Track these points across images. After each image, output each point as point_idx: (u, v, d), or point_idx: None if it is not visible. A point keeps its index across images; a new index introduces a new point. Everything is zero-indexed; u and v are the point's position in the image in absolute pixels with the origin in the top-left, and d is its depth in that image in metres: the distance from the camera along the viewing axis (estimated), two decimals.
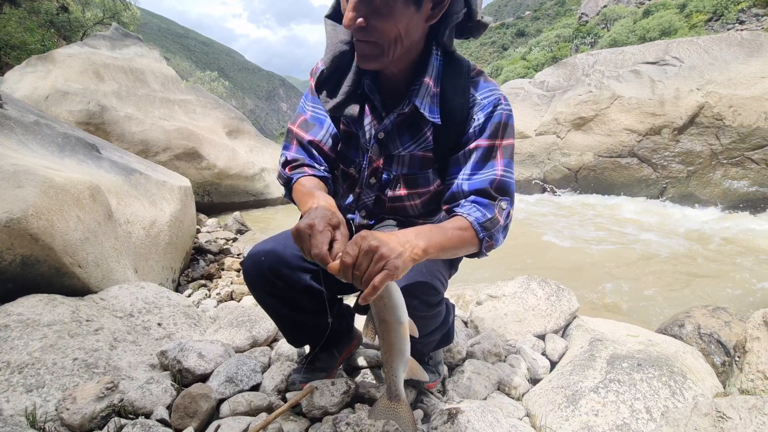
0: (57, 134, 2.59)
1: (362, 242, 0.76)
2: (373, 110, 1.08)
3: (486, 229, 0.98)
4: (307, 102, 1.18)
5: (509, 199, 1.04)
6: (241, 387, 1.22)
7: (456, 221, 0.98)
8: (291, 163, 1.13)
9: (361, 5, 0.89)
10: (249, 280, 1.11)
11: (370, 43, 0.93)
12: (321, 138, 1.13)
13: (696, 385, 1.20)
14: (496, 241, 1.03)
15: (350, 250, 0.76)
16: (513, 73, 36.48)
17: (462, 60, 1.08)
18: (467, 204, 1.01)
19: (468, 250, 0.99)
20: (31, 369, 1.20)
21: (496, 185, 1.01)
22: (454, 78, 1.05)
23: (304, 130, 1.14)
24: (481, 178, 1.02)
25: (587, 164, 7.40)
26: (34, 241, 1.53)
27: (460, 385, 1.33)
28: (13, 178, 1.64)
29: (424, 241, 0.84)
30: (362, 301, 0.76)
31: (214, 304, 2.63)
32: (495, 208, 1.00)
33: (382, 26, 0.90)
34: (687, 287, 3.20)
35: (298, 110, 1.19)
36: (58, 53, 5.92)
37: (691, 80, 6.94)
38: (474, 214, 0.99)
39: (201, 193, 6.34)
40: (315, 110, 1.15)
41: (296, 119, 1.17)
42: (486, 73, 1.11)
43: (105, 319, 1.54)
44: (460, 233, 0.95)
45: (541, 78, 9.07)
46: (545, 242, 4.56)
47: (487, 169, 1.02)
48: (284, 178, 1.14)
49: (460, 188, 1.03)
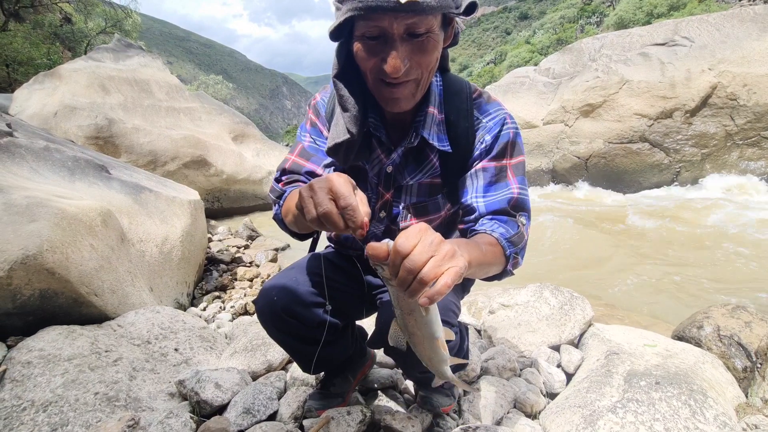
0: (67, 158, 2.63)
1: (424, 232, 0.62)
2: (380, 144, 1.06)
3: (513, 244, 0.95)
4: (304, 133, 1.14)
5: (527, 215, 1.02)
6: (258, 417, 1.24)
7: (483, 237, 0.93)
8: (285, 181, 1.09)
9: (406, 48, 0.83)
10: (262, 319, 1.11)
11: (410, 83, 0.88)
12: (323, 167, 1.09)
13: (717, 403, 1.18)
14: (520, 258, 0.99)
15: (408, 236, 0.61)
16: (517, 58, 35.89)
17: (461, 82, 1.07)
18: (487, 221, 0.98)
19: (496, 268, 0.93)
20: (55, 407, 1.23)
21: (513, 203, 0.99)
22: (456, 103, 1.03)
23: (304, 159, 1.10)
24: (498, 198, 0.99)
25: (597, 152, 7.28)
26: (51, 275, 1.56)
27: (476, 405, 1.33)
28: (27, 212, 1.67)
29: (467, 254, 0.72)
30: (425, 304, 0.59)
31: (229, 318, 2.66)
32: (518, 224, 0.98)
33: (426, 61, 0.86)
34: (704, 278, 3.14)
35: (296, 140, 1.16)
36: (63, 69, 5.99)
37: (703, 60, 6.74)
38: (498, 230, 0.95)
39: (210, 200, 6.41)
40: (314, 141, 1.12)
41: (294, 148, 1.13)
42: (488, 93, 1.09)
43: (123, 348, 1.57)
44: (492, 249, 0.90)
45: (546, 65, 8.90)
46: (557, 237, 4.51)
47: (502, 189, 1.00)
48: (277, 192, 1.09)
49: (477, 209, 1.00)
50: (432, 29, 0.83)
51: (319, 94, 1.15)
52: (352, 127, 0.96)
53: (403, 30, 0.81)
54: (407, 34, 0.82)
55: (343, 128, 0.97)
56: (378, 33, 0.82)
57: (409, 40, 0.83)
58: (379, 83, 0.89)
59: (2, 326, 1.52)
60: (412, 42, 0.83)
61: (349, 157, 1.01)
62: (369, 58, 0.86)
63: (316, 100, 1.14)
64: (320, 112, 1.12)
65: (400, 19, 0.79)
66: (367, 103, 0.99)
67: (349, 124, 0.96)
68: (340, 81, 0.96)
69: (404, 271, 0.60)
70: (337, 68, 0.96)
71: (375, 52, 0.85)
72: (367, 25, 0.82)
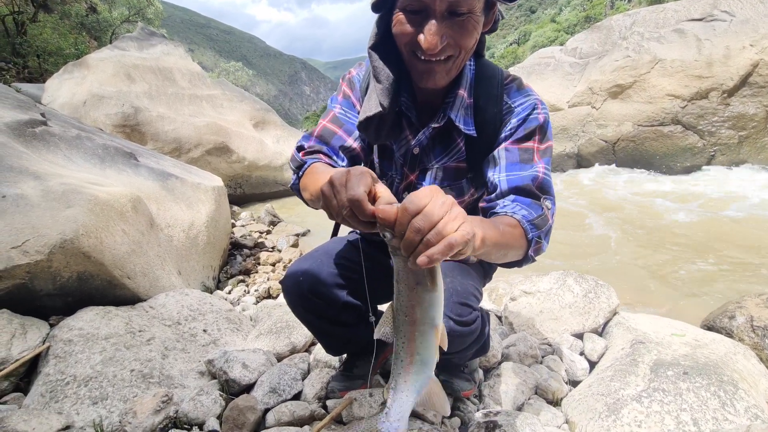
0: (97, 146, 2.72)
1: (436, 193, 0.58)
2: (410, 125, 1.06)
3: (537, 227, 0.90)
4: (335, 104, 1.13)
5: (552, 199, 0.98)
6: (284, 397, 1.28)
7: (503, 218, 0.89)
8: (307, 150, 1.08)
9: (446, 25, 0.83)
10: (289, 299, 1.15)
11: (446, 61, 0.88)
12: (354, 138, 1.08)
13: (748, 395, 1.15)
14: (543, 243, 0.94)
15: (419, 195, 0.57)
16: (542, 38, 34.59)
17: (494, 68, 1.06)
18: (509, 202, 0.94)
19: (516, 252, 0.88)
20: (95, 382, 1.31)
21: (538, 183, 0.95)
22: (487, 88, 1.03)
23: (336, 125, 1.09)
24: (521, 176, 0.96)
25: (626, 135, 7.00)
26: (87, 258, 1.64)
27: (497, 390, 1.33)
28: (63, 199, 1.75)
29: (481, 230, 0.68)
30: (423, 263, 0.54)
31: (254, 301, 2.74)
32: (542, 207, 0.94)
33: (465, 41, 0.87)
34: (737, 268, 3.02)
35: (328, 108, 1.15)
36: (91, 58, 6.15)
37: (744, 36, 6.33)
38: (520, 212, 0.91)
39: (233, 186, 6.53)
40: (346, 113, 1.11)
41: (327, 114, 1.12)
42: (521, 79, 1.07)
43: (155, 329, 1.64)
44: (511, 230, 0.86)
45: (573, 44, 8.54)
46: (582, 223, 4.41)
47: (526, 168, 0.97)
48: (297, 162, 1.07)
49: (498, 185, 0.96)
50: (474, 10, 0.84)
51: (355, 69, 1.15)
52: (384, 99, 0.96)
53: (446, 7, 0.82)
54: (449, 12, 0.83)
55: (376, 102, 0.97)
56: (420, 7, 0.83)
57: (450, 18, 0.84)
58: (414, 58, 0.90)
59: (44, 306, 1.61)
60: (453, 20, 0.84)
61: (380, 134, 1.01)
62: (407, 31, 0.86)
63: (352, 75, 1.14)
64: (355, 85, 1.12)
65: None
66: (401, 80, 0.99)
67: (381, 97, 0.96)
68: (376, 52, 0.97)
69: (411, 230, 0.55)
70: (374, 39, 0.97)
71: (414, 25, 0.86)
72: None
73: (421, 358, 0.67)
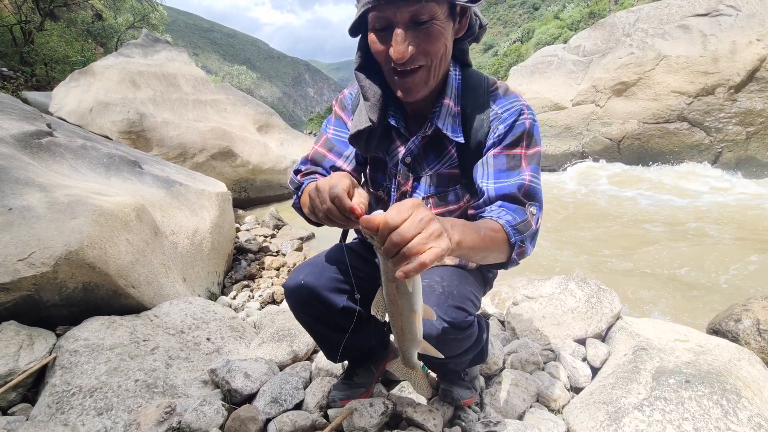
0: (102, 155, 2.76)
1: (416, 208, 0.65)
2: (399, 135, 1.10)
3: (519, 232, 0.94)
4: (329, 126, 1.21)
5: (538, 205, 1.01)
6: (285, 406, 1.29)
7: (487, 222, 0.93)
8: (304, 172, 1.17)
9: (411, 34, 0.88)
10: (290, 303, 1.18)
11: (419, 71, 0.93)
12: (344, 158, 1.16)
13: (752, 404, 1.13)
14: (527, 247, 0.98)
15: (400, 210, 0.64)
16: (545, 35, 34.36)
17: (480, 76, 1.09)
18: (495, 208, 0.98)
19: (497, 255, 0.93)
20: (100, 393, 1.33)
21: (524, 191, 0.99)
22: (474, 96, 1.05)
23: (326, 149, 1.17)
24: (508, 184, 0.99)
25: (631, 133, 6.94)
26: (92, 269, 1.66)
27: (498, 398, 1.33)
28: (68, 210, 1.77)
29: (458, 234, 0.75)
30: (401, 278, 0.63)
31: (258, 307, 2.76)
32: (526, 213, 0.98)
33: (432, 48, 0.91)
34: (745, 269, 2.98)
35: (321, 131, 1.23)
36: (97, 66, 6.23)
37: (750, 30, 6.24)
38: (504, 217, 0.95)
39: (237, 190, 6.58)
40: (338, 134, 1.18)
41: (319, 139, 1.21)
42: (507, 85, 1.08)
43: (160, 338, 1.66)
44: (493, 234, 0.90)
45: (576, 42, 8.48)
46: (584, 224, 4.38)
47: (513, 176, 1.00)
48: (296, 183, 1.17)
49: (486, 192, 1.00)
50: (436, 17, 0.87)
51: (347, 89, 1.21)
52: (373, 115, 1.02)
53: (408, 17, 0.86)
54: (412, 22, 0.87)
55: (365, 117, 1.04)
56: (386, 23, 0.89)
57: (414, 28, 0.88)
58: (392, 72, 0.95)
59: (51, 316, 1.64)
60: (417, 29, 0.88)
61: (370, 146, 1.08)
62: (380, 49, 0.92)
63: (343, 95, 1.21)
64: (347, 105, 1.19)
65: (404, 8, 0.85)
66: (389, 94, 1.04)
67: (370, 113, 1.03)
68: (362, 73, 1.03)
69: (390, 243, 0.63)
70: (359, 60, 1.04)
71: (384, 42, 0.91)
72: (376, 17, 0.89)
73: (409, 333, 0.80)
